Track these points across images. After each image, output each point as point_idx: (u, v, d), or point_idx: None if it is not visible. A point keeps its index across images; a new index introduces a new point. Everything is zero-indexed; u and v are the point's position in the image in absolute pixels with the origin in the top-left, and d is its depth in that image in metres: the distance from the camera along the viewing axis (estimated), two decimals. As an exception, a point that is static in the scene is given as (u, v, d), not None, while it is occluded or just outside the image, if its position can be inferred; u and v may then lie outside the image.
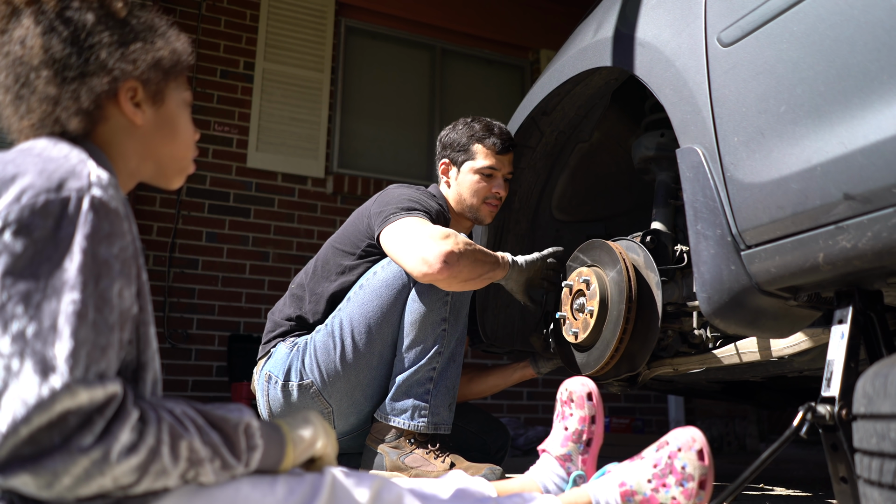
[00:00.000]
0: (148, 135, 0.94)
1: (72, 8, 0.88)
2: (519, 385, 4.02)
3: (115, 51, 0.89)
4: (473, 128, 1.97)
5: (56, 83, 0.87)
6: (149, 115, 0.95)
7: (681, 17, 1.33)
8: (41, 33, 0.86)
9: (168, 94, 0.99)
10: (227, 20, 3.95)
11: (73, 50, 0.87)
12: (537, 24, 4.72)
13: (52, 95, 0.86)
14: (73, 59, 0.87)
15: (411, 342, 1.70)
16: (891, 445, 0.69)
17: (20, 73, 0.87)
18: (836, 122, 0.97)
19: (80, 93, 0.87)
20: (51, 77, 0.86)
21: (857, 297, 1.04)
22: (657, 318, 1.52)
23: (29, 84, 0.88)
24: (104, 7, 0.90)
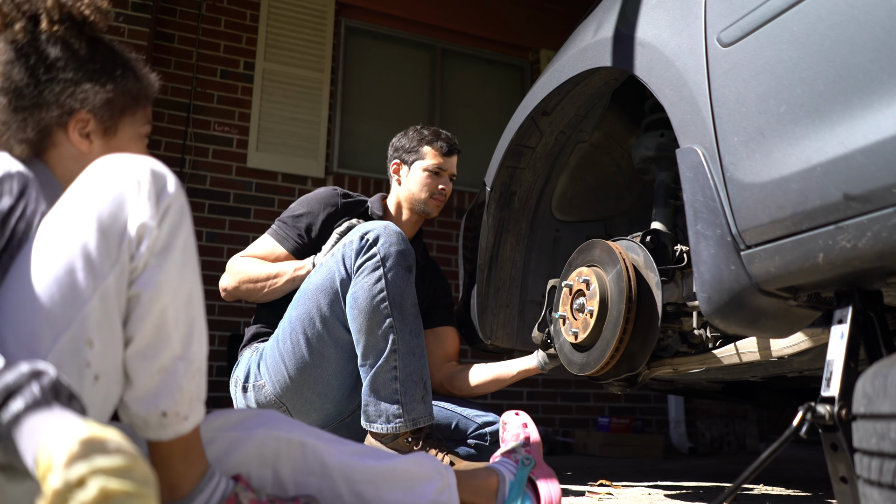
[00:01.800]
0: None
1: (38, 41, 0.92)
2: (519, 385, 4.03)
3: (68, 87, 0.94)
4: (423, 133, 2.21)
5: (9, 110, 0.92)
6: (97, 145, 0.98)
7: (681, 17, 1.33)
8: (5, 61, 0.91)
9: (121, 128, 1.02)
10: (227, 20, 3.95)
11: (30, 81, 0.91)
12: (537, 24, 4.72)
13: (6, 120, 0.91)
14: (29, 89, 0.91)
15: (364, 348, 1.72)
16: (890, 445, 0.69)
17: None
18: (836, 122, 0.97)
19: (27, 123, 0.92)
20: (5, 104, 0.91)
21: (856, 297, 1.04)
22: (657, 318, 1.52)
23: None
24: (67, 44, 0.94)
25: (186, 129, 3.73)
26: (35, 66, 0.92)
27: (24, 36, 0.92)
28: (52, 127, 0.94)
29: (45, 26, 0.93)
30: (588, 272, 1.67)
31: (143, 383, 0.83)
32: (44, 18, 0.93)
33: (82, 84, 0.95)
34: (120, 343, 0.82)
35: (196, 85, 3.81)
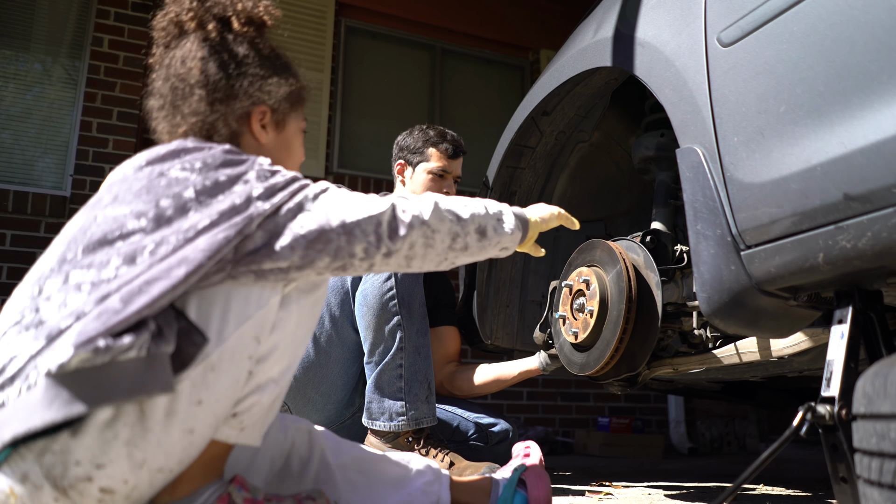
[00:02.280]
0: (268, 152, 1.08)
1: (228, 40, 1.06)
2: (519, 385, 4.03)
3: (256, 81, 1.06)
4: (428, 133, 2.18)
5: (207, 102, 1.03)
6: (271, 136, 1.10)
7: (681, 17, 1.33)
8: (201, 57, 1.03)
9: (289, 122, 1.12)
10: (228, 20, 3.95)
11: (223, 75, 1.03)
12: (537, 24, 4.72)
13: (202, 111, 1.03)
14: (223, 83, 1.03)
15: (371, 345, 1.72)
16: (891, 445, 0.69)
17: (177, 87, 1.04)
18: (836, 122, 0.97)
19: (220, 114, 1.03)
20: (203, 96, 1.03)
21: (856, 297, 1.04)
22: (657, 318, 1.52)
23: (184, 98, 1.04)
24: (253, 44, 1.08)
25: (186, 130, 3.73)
26: (227, 63, 1.04)
27: (216, 36, 1.05)
28: (239, 118, 1.05)
29: (237, 27, 1.06)
30: (588, 272, 1.67)
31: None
32: (234, 20, 1.06)
33: (267, 79, 1.07)
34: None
35: (196, 85, 3.81)
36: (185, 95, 1.04)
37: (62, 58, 3.48)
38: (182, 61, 1.04)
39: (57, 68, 3.48)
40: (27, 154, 3.36)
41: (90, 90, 3.38)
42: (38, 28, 3.46)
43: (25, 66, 3.45)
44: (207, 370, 0.83)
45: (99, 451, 0.77)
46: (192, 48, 1.05)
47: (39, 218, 3.21)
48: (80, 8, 3.52)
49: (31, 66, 3.46)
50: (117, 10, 3.49)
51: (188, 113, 1.03)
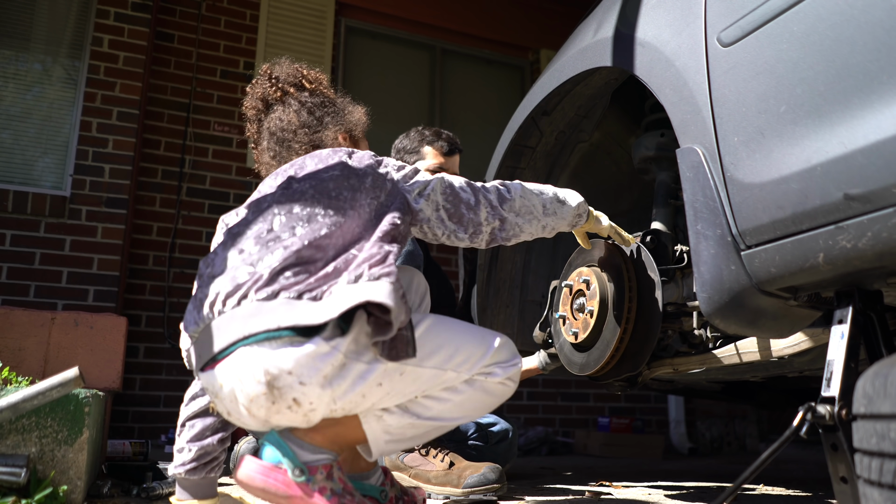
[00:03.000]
0: None
1: (304, 97, 1.50)
2: (519, 385, 4.02)
3: (334, 116, 1.51)
4: (424, 133, 2.24)
5: (310, 133, 1.47)
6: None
7: (681, 17, 1.33)
8: (294, 110, 1.48)
9: (360, 141, 1.59)
10: (227, 20, 3.95)
11: (313, 117, 1.48)
12: (537, 24, 4.72)
13: (308, 140, 1.46)
14: (315, 121, 1.48)
15: None
16: (891, 445, 0.69)
17: (284, 137, 1.47)
18: (836, 122, 0.97)
19: (323, 136, 1.48)
20: (306, 132, 1.47)
21: (857, 297, 1.04)
22: (657, 318, 1.52)
23: (292, 139, 1.47)
24: (323, 94, 1.53)
25: (186, 129, 3.73)
26: (312, 108, 1.49)
27: (299, 94, 1.51)
28: (330, 138, 1.49)
29: (307, 85, 1.52)
30: (588, 272, 1.66)
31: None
32: (304, 82, 1.53)
33: (339, 113, 1.52)
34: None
35: (196, 85, 3.81)
36: (292, 138, 1.46)
37: (62, 58, 3.48)
38: (279, 119, 1.48)
39: (57, 68, 3.48)
40: (27, 154, 3.36)
41: (90, 90, 3.38)
42: (37, 28, 3.46)
43: (25, 66, 3.45)
44: (401, 371, 1.12)
45: (307, 373, 1.03)
46: (284, 108, 1.49)
47: (39, 218, 3.21)
48: (79, 8, 3.52)
49: (31, 65, 3.46)
50: (117, 10, 3.49)
51: (299, 147, 1.46)
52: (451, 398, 1.20)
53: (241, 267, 1.11)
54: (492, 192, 1.34)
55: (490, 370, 1.22)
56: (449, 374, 1.18)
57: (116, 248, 3.29)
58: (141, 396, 3.42)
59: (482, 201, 1.31)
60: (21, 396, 1.18)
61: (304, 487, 1.06)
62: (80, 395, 1.30)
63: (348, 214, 1.18)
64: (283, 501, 1.07)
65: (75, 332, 2.01)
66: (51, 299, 3.17)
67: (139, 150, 3.52)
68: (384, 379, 1.11)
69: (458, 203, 1.30)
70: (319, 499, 1.07)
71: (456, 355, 1.19)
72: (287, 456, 1.08)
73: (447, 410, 1.20)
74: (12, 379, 1.47)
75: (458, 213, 1.30)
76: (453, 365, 1.19)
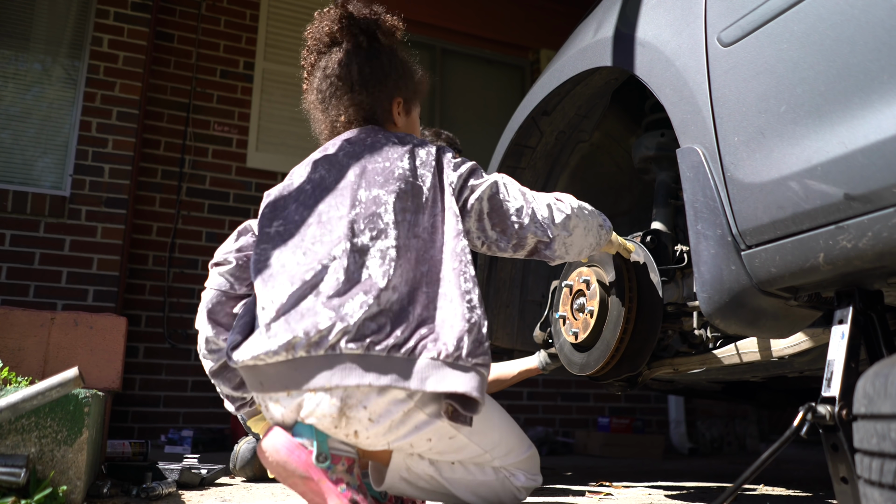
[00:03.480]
0: (400, 131, 1.40)
1: (374, 47, 1.38)
2: (519, 385, 4.03)
3: (398, 78, 1.39)
4: (423, 134, 2.26)
5: (365, 94, 1.36)
6: (402, 120, 1.43)
7: (681, 17, 1.33)
8: (358, 62, 1.36)
9: (413, 109, 1.46)
10: (227, 20, 3.95)
11: (376, 74, 1.37)
12: (537, 24, 4.72)
13: (361, 101, 1.36)
14: (375, 78, 1.36)
15: None
16: (891, 446, 0.69)
17: (338, 85, 1.36)
18: (837, 121, 0.97)
19: (379, 100, 1.37)
20: (362, 89, 1.35)
21: (857, 297, 1.04)
22: (657, 318, 1.52)
23: (346, 92, 1.36)
24: (392, 49, 1.41)
25: (186, 129, 3.73)
26: (378, 63, 1.36)
27: (367, 44, 1.38)
28: (385, 105, 1.38)
29: (383, 40, 1.40)
30: (588, 272, 1.66)
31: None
32: (380, 35, 1.40)
33: (403, 78, 1.40)
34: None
35: (196, 85, 3.81)
36: (346, 90, 1.36)
37: (62, 57, 3.48)
38: (339, 64, 1.36)
39: (56, 68, 3.48)
40: (26, 154, 3.35)
41: (90, 90, 3.38)
42: (37, 28, 3.46)
43: (25, 66, 3.45)
44: (451, 435, 1.17)
45: (379, 415, 1.07)
46: (348, 54, 1.36)
47: (39, 218, 3.21)
48: (79, 8, 3.52)
49: (31, 65, 3.46)
50: (117, 10, 3.49)
51: (349, 104, 1.36)
52: (475, 475, 1.25)
53: (322, 311, 1.07)
54: (543, 204, 1.27)
55: (516, 472, 1.29)
56: (486, 457, 1.25)
57: (116, 248, 3.29)
58: (140, 396, 3.42)
59: (530, 212, 1.25)
60: (20, 397, 1.18)
61: (323, 472, 1.08)
62: (79, 396, 1.30)
63: (411, 243, 1.15)
64: (297, 481, 1.08)
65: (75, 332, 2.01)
66: (50, 299, 3.17)
67: (139, 150, 3.52)
68: (434, 435, 1.15)
69: (505, 216, 1.24)
70: (334, 487, 1.08)
71: (500, 444, 1.26)
72: (317, 439, 1.10)
73: (464, 483, 1.25)
74: (12, 379, 1.47)
75: (503, 223, 1.25)
76: (494, 451, 1.25)
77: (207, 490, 1.71)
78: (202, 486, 1.77)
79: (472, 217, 1.24)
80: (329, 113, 1.37)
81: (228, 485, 1.85)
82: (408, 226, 1.17)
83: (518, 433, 1.32)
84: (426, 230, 1.18)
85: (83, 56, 3.46)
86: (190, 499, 1.56)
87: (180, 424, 3.45)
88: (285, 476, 1.09)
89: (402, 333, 1.07)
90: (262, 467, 1.96)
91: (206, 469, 1.86)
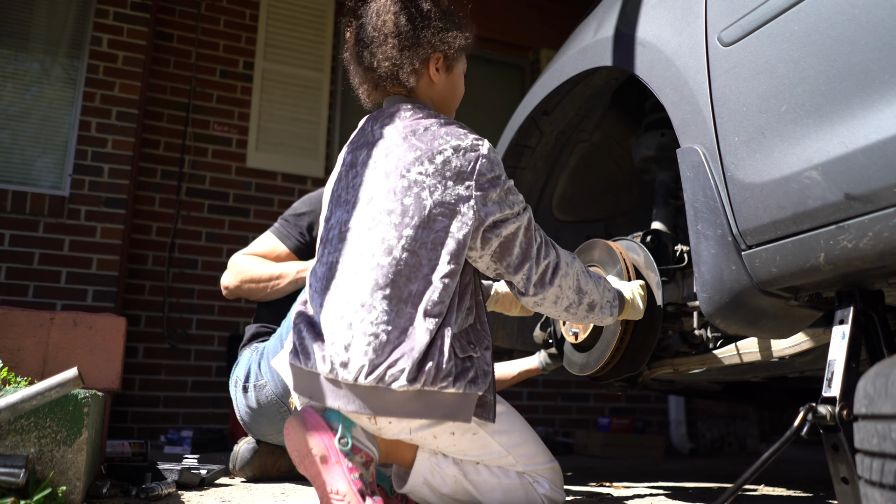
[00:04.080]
0: (439, 90, 1.38)
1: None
2: (519, 385, 4.02)
3: (438, 33, 1.31)
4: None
5: (398, 48, 1.29)
6: (442, 77, 1.37)
7: (681, 17, 1.33)
8: (394, 12, 1.29)
9: (456, 66, 1.40)
10: (227, 20, 3.95)
11: (412, 27, 1.29)
12: (537, 23, 4.71)
13: (394, 56, 1.29)
14: (411, 33, 1.29)
15: None
16: (892, 446, 0.69)
17: (374, 36, 1.30)
18: (838, 121, 0.97)
19: (412, 58, 1.30)
20: (395, 44, 1.29)
21: (858, 298, 1.04)
22: (658, 318, 1.52)
23: (379, 45, 1.29)
24: (437, 1, 1.33)
25: (186, 129, 3.73)
26: (414, 16, 1.29)
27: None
28: (421, 62, 1.32)
29: None
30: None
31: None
32: None
33: (445, 31, 1.32)
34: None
35: (195, 84, 3.80)
36: (380, 42, 1.30)
37: (61, 57, 3.48)
38: (377, 14, 1.30)
39: (56, 68, 3.48)
40: (26, 154, 3.35)
41: (89, 90, 3.37)
42: (36, 27, 3.46)
43: (24, 66, 3.45)
44: (475, 432, 1.22)
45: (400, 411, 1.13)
46: (387, 3, 1.30)
47: (38, 218, 3.21)
48: (79, 7, 3.52)
49: (30, 65, 3.46)
50: (116, 10, 3.48)
51: (382, 58, 1.30)
52: (500, 479, 1.27)
53: (362, 347, 1.14)
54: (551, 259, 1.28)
55: (541, 479, 1.30)
56: (510, 459, 1.27)
57: (115, 248, 3.29)
58: (140, 397, 3.42)
59: (534, 263, 1.26)
60: (20, 397, 1.17)
61: (341, 455, 1.11)
62: (79, 396, 1.30)
63: (431, 279, 1.19)
64: (313, 459, 1.11)
65: (74, 332, 2.01)
66: (50, 299, 3.17)
67: (138, 150, 3.52)
68: (458, 430, 1.20)
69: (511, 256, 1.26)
70: (347, 473, 1.09)
71: (522, 446, 1.28)
72: (345, 426, 1.13)
73: (488, 486, 1.26)
74: (11, 379, 1.47)
75: (505, 261, 1.26)
76: (517, 453, 1.28)
77: (207, 490, 1.71)
78: (202, 486, 1.77)
79: (483, 261, 1.30)
80: (366, 65, 1.33)
81: (228, 485, 1.85)
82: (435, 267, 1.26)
83: (541, 443, 1.34)
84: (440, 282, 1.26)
85: (82, 56, 3.46)
86: (189, 499, 1.56)
87: (180, 425, 3.44)
88: (304, 454, 1.11)
89: (435, 379, 1.15)
90: (262, 467, 1.96)
91: (206, 469, 1.85)
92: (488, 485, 1.26)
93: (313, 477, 1.12)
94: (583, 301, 1.32)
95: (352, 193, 1.28)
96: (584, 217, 2.25)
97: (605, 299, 1.36)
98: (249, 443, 1.97)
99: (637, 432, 3.85)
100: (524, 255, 1.25)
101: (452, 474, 1.24)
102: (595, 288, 1.34)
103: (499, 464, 1.27)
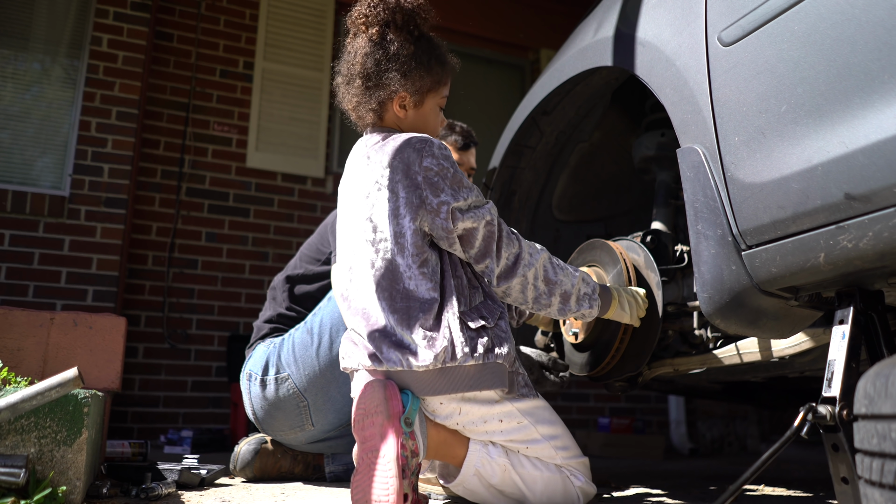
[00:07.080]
0: (408, 123, 1.46)
1: (386, 41, 1.38)
2: (519, 385, 4.01)
3: (399, 75, 1.39)
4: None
5: (362, 89, 1.41)
6: (410, 114, 1.45)
7: (681, 17, 1.33)
8: (364, 53, 1.39)
9: (426, 102, 1.46)
10: (227, 20, 3.95)
11: (377, 69, 1.39)
12: (537, 23, 4.71)
13: (359, 95, 1.42)
14: (375, 75, 1.39)
15: None
16: (892, 446, 0.69)
17: (348, 74, 1.44)
18: (837, 121, 0.97)
19: (371, 98, 1.41)
20: (360, 84, 1.41)
21: (858, 298, 1.04)
22: (658, 318, 1.52)
23: (349, 83, 1.44)
24: (404, 45, 1.39)
25: (185, 129, 3.73)
26: (381, 59, 1.38)
27: (378, 37, 1.38)
28: (383, 101, 1.41)
29: (393, 33, 1.39)
30: (588, 272, 1.66)
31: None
32: (392, 27, 1.39)
33: (408, 74, 1.39)
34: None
35: (195, 84, 3.80)
36: (351, 81, 1.42)
37: (61, 57, 3.48)
38: (354, 53, 1.42)
39: (56, 68, 3.48)
40: (26, 154, 3.35)
41: (89, 90, 3.37)
42: (36, 27, 3.46)
43: (24, 66, 3.45)
44: (520, 420, 1.36)
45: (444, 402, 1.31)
46: (362, 44, 1.40)
47: (38, 218, 3.21)
48: (78, 7, 3.52)
49: (30, 65, 3.46)
50: (116, 10, 3.48)
51: (350, 96, 1.44)
52: (542, 471, 1.36)
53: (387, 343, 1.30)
54: (515, 250, 1.37)
55: (576, 472, 1.40)
56: (549, 451, 1.37)
57: (115, 248, 3.29)
58: (140, 397, 3.42)
59: (502, 254, 1.36)
60: (20, 397, 1.17)
61: (400, 432, 1.20)
62: (79, 396, 1.30)
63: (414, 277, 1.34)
64: (375, 422, 1.20)
65: (74, 332, 2.01)
66: (50, 299, 3.17)
67: (138, 150, 3.52)
68: (505, 417, 1.33)
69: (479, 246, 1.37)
70: (399, 447, 1.18)
71: (560, 438, 1.39)
72: (412, 406, 1.24)
73: (532, 479, 1.36)
74: (11, 379, 1.47)
75: (468, 252, 1.37)
76: (555, 444, 1.38)
77: (207, 490, 1.71)
78: (202, 486, 1.77)
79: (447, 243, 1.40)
80: (345, 99, 1.48)
81: (228, 485, 1.85)
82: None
83: (573, 438, 1.44)
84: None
85: (82, 56, 3.46)
86: (189, 499, 1.56)
87: (180, 425, 3.44)
88: (371, 412, 1.21)
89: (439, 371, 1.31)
90: (263, 468, 1.95)
91: (206, 469, 1.85)
92: (531, 477, 1.36)
93: (366, 438, 1.20)
94: (554, 291, 1.38)
95: (341, 228, 1.48)
96: (584, 217, 2.25)
97: (582, 291, 1.41)
98: (251, 443, 1.97)
99: (637, 432, 3.85)
100: (486, 246, 1.34)
101: (502, 464, 1.34)
102: (568, 279, 1.40)
103: (539, 454, 1.37)
